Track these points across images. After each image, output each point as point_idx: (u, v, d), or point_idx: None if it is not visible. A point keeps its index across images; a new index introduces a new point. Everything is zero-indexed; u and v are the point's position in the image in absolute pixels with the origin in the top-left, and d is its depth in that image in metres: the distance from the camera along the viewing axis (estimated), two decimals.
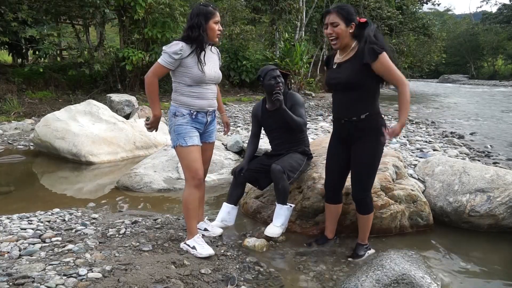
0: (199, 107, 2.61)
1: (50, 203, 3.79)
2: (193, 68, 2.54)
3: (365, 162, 2.48)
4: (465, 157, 5.56)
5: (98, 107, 6.31)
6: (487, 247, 2.96)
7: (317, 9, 20.11)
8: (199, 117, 2.63)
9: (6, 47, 11.69)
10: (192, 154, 2.57)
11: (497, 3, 68.58)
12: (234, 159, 5.11)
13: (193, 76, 2.55)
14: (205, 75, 2.58)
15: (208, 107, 2.67)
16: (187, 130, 2.57)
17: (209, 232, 2.90)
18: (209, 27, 2.56)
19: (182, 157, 2.59)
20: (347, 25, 2.39)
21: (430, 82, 42.60)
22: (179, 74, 2.56)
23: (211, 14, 2.56)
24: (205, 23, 2.54)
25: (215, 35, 2.61)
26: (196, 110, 2.60)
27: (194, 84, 2.57)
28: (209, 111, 2.69)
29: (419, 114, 11.92)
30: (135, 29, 12.10)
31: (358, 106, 2.44)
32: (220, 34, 2.64)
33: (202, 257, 2.50)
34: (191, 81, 2.56)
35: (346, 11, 2.40)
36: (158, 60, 2.53)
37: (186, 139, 2.56)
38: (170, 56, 2.49)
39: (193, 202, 2.58)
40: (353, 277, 2.29)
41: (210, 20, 2.56)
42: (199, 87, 2.59)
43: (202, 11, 2.55)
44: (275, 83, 3.02)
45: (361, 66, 2.37)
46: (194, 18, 2.54)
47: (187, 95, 2.58)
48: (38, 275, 2.09)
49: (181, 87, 2.58)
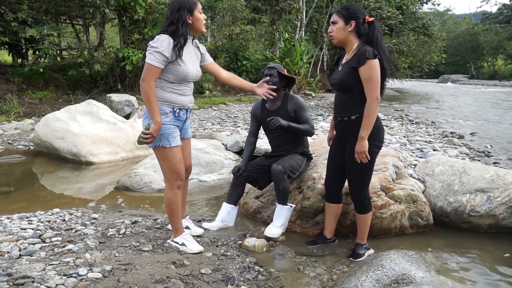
0: (182, 104, 2.51)
1: (50, 203, 3.79)
2: (179, 65, 2.41)
3: (357, 164, 2.49)
4: (465, 157, 5.56)
5: (98, 107, 6.31)
6: (487, 247, 2.96)
7: (317, 9, 20.12)
8: (181, 115, 2.53)
9: (6, 47, 11.69)
10: (177, 155, 2.49)
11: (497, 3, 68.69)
12: (234, 159, 5.11)
13: (178, 74, 2.43)
14: (190, 74, 2.48)
15: (189, 103, 2.59)
16: (170, 130, 2.45)
17: (190, 230, 2.87)
18: (196, 18, 2.44)
19: (165, 158, 2.48)
20: (346, 24, 2.44)
21: (430, 82, 42.62)
22: (163, 70, 2.39)
23: (195, 5, 2.43)
24: (190, 15, 2.42)
25: (202, 25, 2.49)
26: (179, 108, 2.50)
27: (176, 82, 2.46)
28: (189, 108, 2.60)
29: (419, 114, 11.92)
30: (135, 29, 12.10)
31: (350, 107, 2.49)
32: (205, 22, 2.52)
33: (192, 253, 2.52)
34: (174, 78, 2.44)
35: (347, 10, 2.45)
36: (150, 62, 2.32)
37: (170, 140, 2.45)
38: (163, 55, 2.32)
39: (177, 202, 2.56)
40: (353, 277, 2.29)
41: (194, 11, 2.43)
42: (181, 85, 2.49)
43: (183, 3, 2.39)
44: None
45: (351, 69, 2.42)
46: (175, 13, 2.38)
47: (169, 91, 2.45)
48: (38, 275, 2.09)
49: (162, 83, 2.43)
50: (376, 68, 2.35)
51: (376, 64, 2.36)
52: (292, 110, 3.06)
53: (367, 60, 2.34)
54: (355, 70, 2.40)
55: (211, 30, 17.31)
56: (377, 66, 2.36)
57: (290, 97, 3.11)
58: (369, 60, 2.34)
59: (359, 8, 2.49)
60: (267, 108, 3.16)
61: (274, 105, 3.13)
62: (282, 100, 3.11)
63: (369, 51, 2.35)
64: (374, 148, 2.50)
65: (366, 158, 2.42)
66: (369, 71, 2.35)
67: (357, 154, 2.43)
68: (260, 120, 3.23)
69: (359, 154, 2.42)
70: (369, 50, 2.35)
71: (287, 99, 3.10)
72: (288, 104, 3.08)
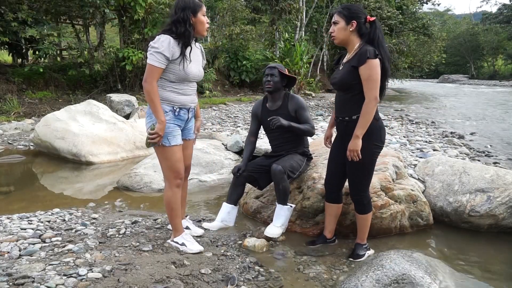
0: (182, 103, 2.52)
1: (50, 203, 3.79)
2: (179, 65, 2.42)
3: (357, 164, 2.49)
4: (465, 157, 5.57)
5: (98, 107, 6.31)
6: (487, 247, 2.96)
7: (317, 9, 20.12)
8: (181, 114, 2.54)
9: (6, 47, 11.68)
10: (176, 154, 2.50)
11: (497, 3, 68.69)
12: (234, 159, 5.11)
13: (179, 74, 2.44)
14: (191, 74, 2.49)
15: (191, 103, 2.59)
16: (170, 129, 2.46)
17: (190, 231, 2.87)
18: (199, 20, 2.45)
19: (165, 157, 2.49)
20: (347, 24, 2.45)
21: (430, 82, 42.63)
22: (164, 70, 2.41)
23: (199, 7, 2.45)
24: (193, 16, 2.43)
25: (204, 28, 2.50)
26: (178, 107, 2.51)
27: (177, 81, 2.47)
28: (190, 108, 2.61)
29: (419, 114, 11.92)
30: (135, 29, 12.10)
31: (351, 106, 2.49)
32: (207, 26, 2.54)
33: (192, 253, 2.52)
34: (175, 78, 2.45)
35: (348, 10, 2.45)
36: (151, 62, 2.35)
37: (169, 139, 2.46)
38: (163, 55, 2.34)
39: (176, 202, 2.57)
40: (353, 277, 2.29)
41: (198, 13, 2.44)
42: (182, 84, 2.50)
43: (188, 4, 2.41)
44: (265, 80, 3.05)
45: (352, 68, 2.42)
46: (180, 12, 2.40)
47: (169, 90, 2.46)
48: (38, 275, 2.09)
49: (163, 82, 2.45)
50: (376, 68, 2.35)
51: (376, 64, 2.36)
52: (292, 110, 3.06)
53: (368, 60, 2.34)
54: (355, 69, 2.40)
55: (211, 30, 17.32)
56: (377, 66, 2.36)
57: (291, 97, 3.11)
58: (369, 60, 2.34)
59: (360, 8, 2.49)
60: (267, 107, 3.16)
61: (274, 104, 3.14)
62: (282, 100, 3.12)
63: (370, 50, 2.35)
64: (375, 148, 2.50)
65: (357, 156, 2.42)
66: (368, 71, 2.35)
67: (349, 152, 2.43)
68: (261, 120, 3.23)
69: (351, 152, 2.42)
70: (370, 49, 2.35)
71: (288, 99, 3.10)
72: (289, 104, 3.08)
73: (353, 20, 2.43)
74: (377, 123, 2.48)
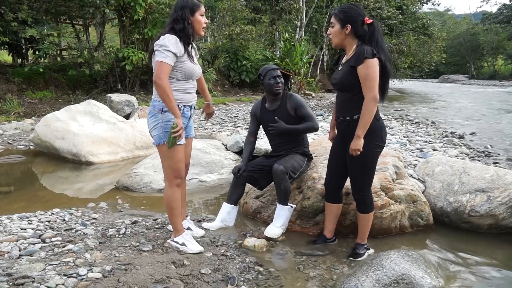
0: (186, 101, 2.57)
1: (50, 203, 3.79)
2: (186, 63, 2.48)
3: (358, 163, 2.49)
4: (465, 157, 5.57)
5: (98, 107, 6.31)
6: (487, 247, 2.96)
7: (317, 9, 20.11)
8: (185, 112, 2.59)
9: (6, 47, 11.67)
10: (179, 154, 2.52)
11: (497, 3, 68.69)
12: (234, 159, 5.11)
13: (186, 71, 2.50)
14: (196, 71, 2.56)
15: (192, 100, 2.64)
16: None
17: (192, 231, 2.87)
18: (196, 20, 2.51)
19: (168, 156, 2.51)
20: (342, 27, 2.46)
21: (430, 82, 42.63)
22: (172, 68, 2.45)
23: (197, 7, 2.51)
24: (191, 15, 2.48)
25: (201, 27, 2.55)
26: (183, 105, 2.55)
27: (183, 79, 2.52)
28: (192, 105, 2.66)
29: (419, 114, 11.92)
30: (135, 29, 12.09)
31: (352, 106, 2.50)
32: (206, 27, 2.58)
33: (192, 253, 2.53)
34: (182, 75, 2.50)
35: (343, 14, 2.46)
36: (162, 59, 2.38)
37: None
38: (172, 52, 2.39)
39: (176, 201, 2.58)
40: (353, 277, 2.29)
41: (196, 13, 2.50)
42: (187, 82, 2.55)
43: (187, 3, 2.48)
44: (274, 83, 3.05)
45: (351, 68, 2.43)
46: (179, 11, 2.47)
47: (175, 89, 2.49)
48: (38, 275, 2.09)
49: (169, 80, 2.46)
50: (373, 67, 2.35)
51: (374, 63, 2.35)
52: (291, 109, 3.07)
53: (365, 59, 2.34)
54: (354, 69, 2.41)
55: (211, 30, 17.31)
56: (374, 65, 2.35)
57: (289, 96, 3.13)
58: (367, 59, 2.34)
59: (358, 10, 2.47)
60: (266, 108, 3.17)
61: (273, 104, 3.14)
62: (281, 99, 3.12)
63: (367, 50, 2.35)
64: (376, 148, 2.50)
65: None
66: (366, 70, 2.35)
67: (351, 151, 2.44)
68: (260, 120, 3.23)
69: (353, 152, 2.44)
70: (367, 49, 2.35)
71: (286, 98, 3.11)
72: (288, 103, 3.09)
73: (348, 24, 2.43)
74: (378, 123, 2.48)
